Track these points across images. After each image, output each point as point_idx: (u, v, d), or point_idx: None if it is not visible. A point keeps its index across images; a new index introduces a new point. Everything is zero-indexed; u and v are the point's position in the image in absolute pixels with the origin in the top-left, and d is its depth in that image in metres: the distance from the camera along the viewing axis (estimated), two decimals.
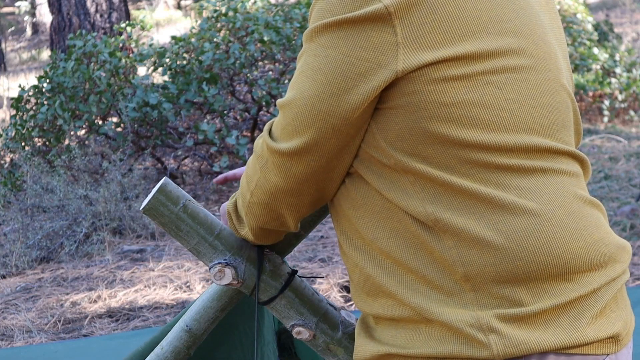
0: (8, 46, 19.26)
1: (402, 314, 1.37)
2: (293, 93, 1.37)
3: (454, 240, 1.33)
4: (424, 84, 1.31)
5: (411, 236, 1.36)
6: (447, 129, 1.32)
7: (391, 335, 1.40)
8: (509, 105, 1.34)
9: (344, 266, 4.78)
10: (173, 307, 4.48)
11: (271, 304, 1.75)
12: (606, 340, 1.35)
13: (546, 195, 1.34)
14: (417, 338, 1.36)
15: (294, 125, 1.37)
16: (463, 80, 1.32)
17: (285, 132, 1.39)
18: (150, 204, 1.68)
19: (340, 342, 1.79)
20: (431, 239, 1.34)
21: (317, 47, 1.35)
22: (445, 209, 1.33)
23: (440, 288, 1.34)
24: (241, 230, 1.60)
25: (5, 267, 5.39)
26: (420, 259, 1.35)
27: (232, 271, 1.70)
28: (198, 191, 6.75)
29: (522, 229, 1.32)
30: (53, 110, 6.59)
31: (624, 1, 15.49)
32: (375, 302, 1.42)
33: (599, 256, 1.37)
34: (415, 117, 1.32)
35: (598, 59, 8.61)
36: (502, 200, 1.32)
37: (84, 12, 11.06)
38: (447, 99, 1.31)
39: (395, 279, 1.38)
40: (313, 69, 1.35)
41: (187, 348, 1.89)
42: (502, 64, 1.34)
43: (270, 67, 7.45)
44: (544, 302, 1.31)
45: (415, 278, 1.36)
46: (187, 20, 16.80)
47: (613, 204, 5.66)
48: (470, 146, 1.32)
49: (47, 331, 4.30)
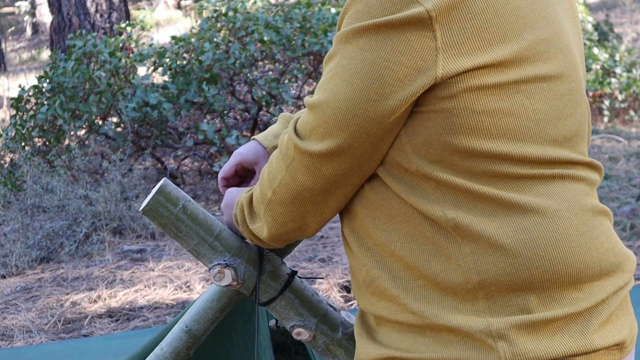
0: (8, 46, 19.26)
1: (406, 319, 1.37)
2: (326, 95, 1.34)
3: (472, 247, 1.32)
4: (460, 91, 1.29)
5: (427, 242, 1.35)
6: (475, 138, 1.31)
7: (394, 338, 1.39)
8: (535, 116, 1.34)
9: (344, 266, 4.78)
10: (173, 307, 4.48)
11: (271, 305, 1.75)
12: (612, 348, 1.35)
13: (564, 203, 1.35)
14: (422, 342, 1.35)
15: (326, 127, 1.34)
16: (496, 88, 1.30)
17: (317, 133, 1.36)
18: (150, 205, 1.68)
19: (340, 343, 1.79)
20: (448, 244, 1.33)
21: (353, 50, 1.31)
22: (465, 214, 1.32)
23: (452, 295, 1.33)
24: (252, 224, 1.53)
25: (5, 267, 5.39)
26: (433, 265, 1.34)
27: (232, 272, 1.70)
28: (198, 191, 6.75)
29: (541, 237, 1.32)
30: (53, 110, 6.59)
31: (624, 1, 15.49)
32: (379, 302, 1.41)
33: (609, 265, 1.37)
34: (446, 123, 1.31)
35: (598, 59, 8.61)
36: (523, 207, 1.32)
37: (84, 12, 11.06)
38: (479, 106, 1.30)
39: (400, 285, 1.37)
40: (349, 71, 1.31)
41: (186, 349, 1.89)
42: (532, 73, 1.33)
43: (270, 67, 7.45)
44: (555, 311, 1.31)
45: (426, 284, 1.35)
46: (187, 20, 16.80)
47: (613, 204, 5.66)
48: (496, 157, 1.32)
49: (47, 331, 4.30)
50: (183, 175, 7.09)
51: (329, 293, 4.38)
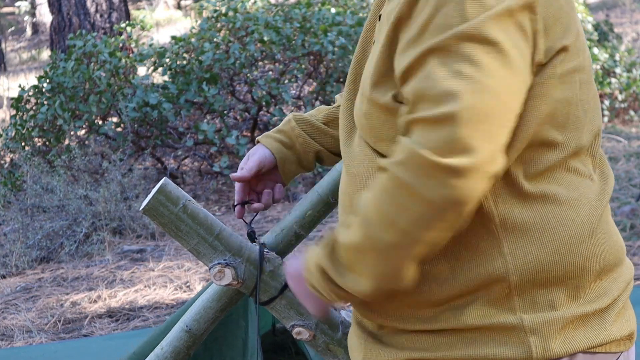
0: (8, 46, 19.26)
1: (431, 327, 1.36)
2: (474, 96, 1.19)
3: (513, 246, 1.32)
4: (546, 77, 1.30)
5: (471, 239, 1.33)
6: (549, 126, 1.31)
7: (407, 338, 1.37)
8: (582, 106, 1.35)
9: None
10: (173, 307, 4.48)
11: (271, 305, 1.75)
12: (624, 338, 1.38)
13: (595, 197, 1.37)
14: (443, 341, 1.34)
15: (488, 128, 1.19)
16: (564, 75, 1.32)
17: (478, 138, 1.18)
18: (150, 204, 1.68)
19: (340, 343, 1.79)
20: (491, 242, 1.32)
21: (483, 46, 1.21)
22: (513, 208, 1.31)
23: (487, 294, 1.33)
24: (341, 278, 1.30)
25: (5, 267, 5.39)
26: (474, 268, 1.33)
27: (232, 271, 1.70)
28: (198, 191, 6.75)
29: (578, 233, 1.33)
30: (53, 110, 6.59)
31: (624, 1, 15.49)
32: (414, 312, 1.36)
33: (621, 257, 1.41)
34: (527, 107, 1.29)
35: (598, 59, 8.61)
36: (565, 202, 1.33)
37: (84, 12, 11.05)
38: (557, 94, 1.31)
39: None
40: (489, 67, 1.20)
41: (187, 348, 1.89)
42: (580, 63, 1.35)
43: (270, 67, 7.45)
44: (584, 307, 1.33)
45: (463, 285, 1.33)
46: (187, 20, 16.79)
47: (613, 204, 5.65)
48: (558, 146, 1.32)
49: (47, 331, 4.30)
50: (183, 175, 7.09)
51: None
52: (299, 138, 1.74)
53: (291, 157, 1.74)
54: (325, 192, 1.89)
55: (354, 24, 7.00)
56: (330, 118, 1.77)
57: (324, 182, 1.90)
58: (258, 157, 1.71)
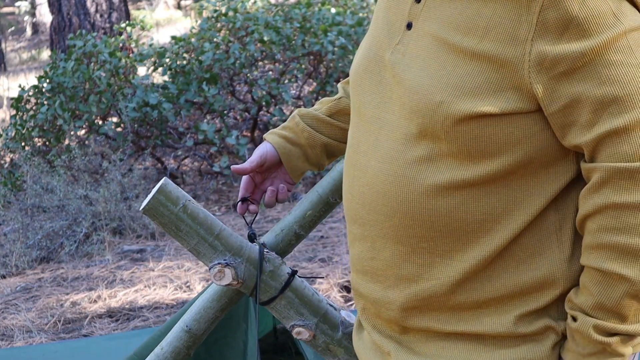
0: (8, 46, 19.26)
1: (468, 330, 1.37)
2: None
3: (569, 251, 1.33)
4: None
5: (534, 243, 1.34)
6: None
7: (441, 346, 1.37)
8: None
9: (344, 266, 4.77)
10: (173, 307, 4.48)
11: (271, 305, 1.75)
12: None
13: None
14: (482, 349, 1.35)
15: None
16: None
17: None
18: (150, 204, 1.68)
19: (340, 343, 1.79)
20: (550, 244, 1.33)
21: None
22: (568, 213, 1.34)
23: (534, 302, 1.34)
24: (627, 325, 1.30)
25: (5, 267, 5.39)
26: (531, 271, 1.34)
27: (232, 271, 1.70)
28: (198, 191, 6.75)
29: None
30: (53, 110, 6.59)
31: None
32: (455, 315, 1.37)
33: None
34: None
35: None
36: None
37: (84, 12, 11.06)
38: None
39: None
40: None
41: (187, 348, 1.89)
42: None
43: (270, 67, 7.45)
44: None
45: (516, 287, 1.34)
46: (187, 20, 16.79)
47: None
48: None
49: (47, 331, 4.30)
50: (183, 175, 7.09)
51: (329, 293, 4.38)
52: (304, 132, 1.73)
53: (296, 153, 1.73)
54: (326, 192, 1.88)
55: (354, 24, 7.00)
56: (334, 110, 1.75)
57: (324, 182, 1.90)
58: (260, 152, 1.71)
